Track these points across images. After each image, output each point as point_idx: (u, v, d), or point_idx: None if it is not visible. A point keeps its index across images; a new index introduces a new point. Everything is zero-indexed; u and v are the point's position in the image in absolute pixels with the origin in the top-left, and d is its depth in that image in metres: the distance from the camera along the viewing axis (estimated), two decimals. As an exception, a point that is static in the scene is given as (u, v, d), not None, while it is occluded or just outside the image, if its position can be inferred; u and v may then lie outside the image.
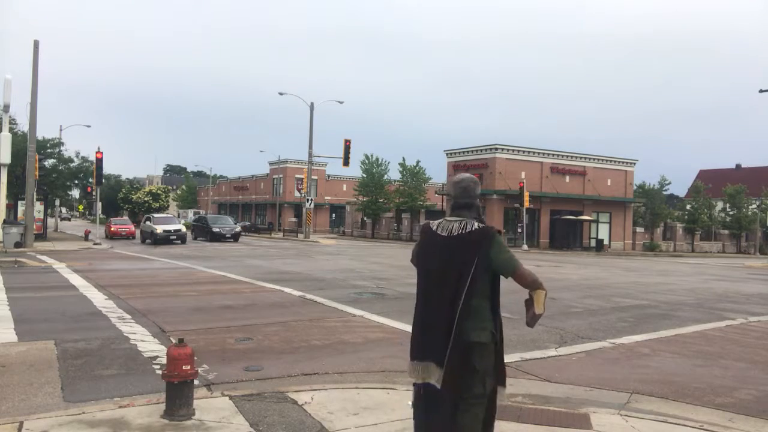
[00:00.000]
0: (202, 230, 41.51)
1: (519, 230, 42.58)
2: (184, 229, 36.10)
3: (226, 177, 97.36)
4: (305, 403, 5.28)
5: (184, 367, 4.75)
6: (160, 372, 5.99)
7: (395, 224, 55.81)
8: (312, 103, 47.06)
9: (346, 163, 43.20)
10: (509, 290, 4.52)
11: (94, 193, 39.70)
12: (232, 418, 4.86)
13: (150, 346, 7.67)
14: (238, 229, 41.76)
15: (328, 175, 73.09)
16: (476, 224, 3.51)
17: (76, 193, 68.16)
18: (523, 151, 45.26)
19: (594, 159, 48.49)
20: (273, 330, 8.92)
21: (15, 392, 5.66)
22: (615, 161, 49.70)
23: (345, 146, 42.39)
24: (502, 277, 3.57)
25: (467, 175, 3.70)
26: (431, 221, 3.68)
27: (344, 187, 73.12)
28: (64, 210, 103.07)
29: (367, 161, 54.99)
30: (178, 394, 4.78)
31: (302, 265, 20.86)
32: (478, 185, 3.66)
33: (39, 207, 32.62)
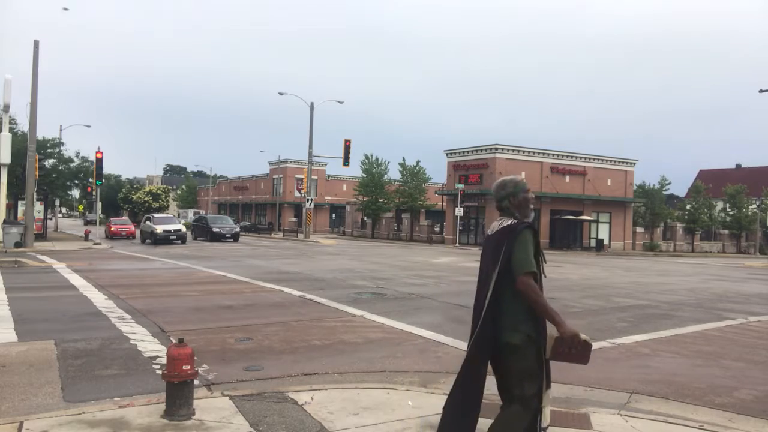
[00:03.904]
0: (202, 230, 41.52)
1: (519, 230, 42.48)
2: (184, 229, 36.10)
3: (226, 177, 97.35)
4: (305, 403, 5.29)
5: (184, 367, 4.75)
6: (160, 372, 6.00)
7: (395, 224, 55.84)
8: (312, 103, 47.11)
9: (346, 163, 43.20)
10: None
11: (94, 193, 39.71)
12: (232, 418, 4.86)
13: (150, 346, 7.67)
14: (238, 229, 41.76)
15: (328, 175, 73.08)
16: (511, 221, 3.57)
17: (76, 193, 68.17)
18: (523, 151, 45.27)
19: (594, 159, 48.49)
20: (273, 330, 8.92)
21: (15, 392, 5.66)
22: (615, 161, 49.71)
23: (345, 146, 42.39)
24: (542, 277, 3.57)
25: (502, 178, 3.83)
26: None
27: (344, 187, 73.11)
28: (64, 210, 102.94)
29: (367, 161, 55.01)
30: (178, 394, 4.78)
31: (302, 265, 20.87)
32: (502, 188, 3.76)
33: (39, 207, 32.63)
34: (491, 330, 3.46)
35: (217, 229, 39.44)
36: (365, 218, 57.84)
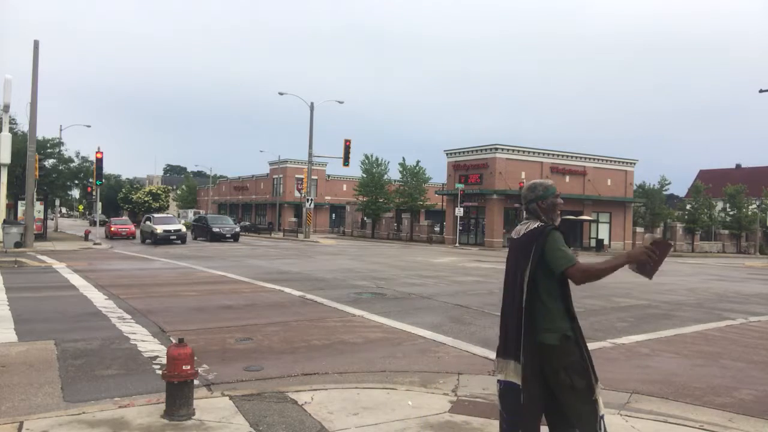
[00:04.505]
0: (202, 230, 41.51)
1: (519, 230, 42.53)
2: (184, 229, 36.09)
3: (226, 177, 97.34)
4: (305, 403, 5.29)
5: (184, 367, 4.75)
6: (160, 372, 6.00)
7: (395, 224, 55.83)
8: (312, 103, 47.10)
9: (346, 163, 43.19)
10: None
11: (94, 193, 39.71)
12: (232, 418, 4.86)
13: (150, 346, 7.67)
14: (238, 229, 41.75)
15: (328, 175, 73.08)
16: (537, 224, 3.60)
17: (76, 193, 68.20)
18: (523, 151, 45.26)
19: (594, 159, 48.49)
20: (273, 330, 8.92)
21: (15, 392, 5.66)
22: (615, 161, 49.71)
23: (345, 146, 42.38)
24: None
25: (532, 181, 3.81)
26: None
27: (344, 187, 73.12)
28: (64, 210, 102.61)
29: (367, 161, 55.01)
30: (178, 394, 4.78)
31: (302, 265, 20.86)
32: (531, 190, 3.74)
33: (39, 207, 32.63)
34: (533, 333, 3.47)
35: (217, 229, 39.44)
36: (365, 218, 57.84)
